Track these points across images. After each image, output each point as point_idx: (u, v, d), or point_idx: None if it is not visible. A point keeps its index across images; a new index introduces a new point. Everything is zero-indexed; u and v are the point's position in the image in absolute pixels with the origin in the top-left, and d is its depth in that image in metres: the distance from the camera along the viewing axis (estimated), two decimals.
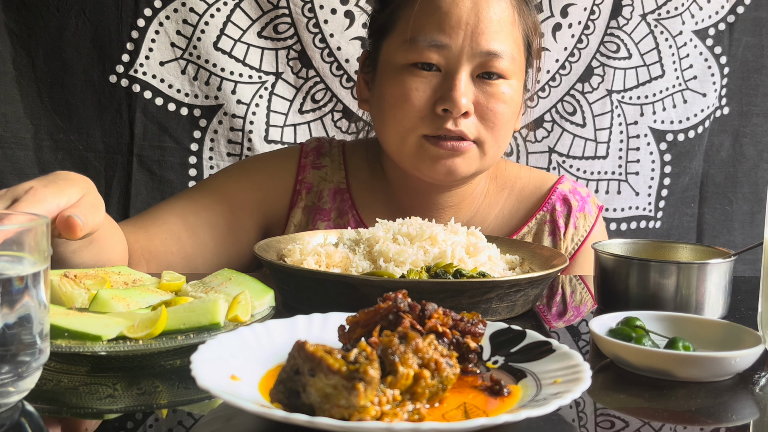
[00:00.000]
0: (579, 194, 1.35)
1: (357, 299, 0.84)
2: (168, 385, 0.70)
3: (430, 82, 1.15)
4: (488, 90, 1.16)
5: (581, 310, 1.04)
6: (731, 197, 1.99)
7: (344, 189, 1.33)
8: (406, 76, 1.16)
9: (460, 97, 1.13)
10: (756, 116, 1.97)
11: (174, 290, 0.89)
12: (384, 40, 1.21)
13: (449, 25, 1.14)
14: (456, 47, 1.14)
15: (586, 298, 1.10)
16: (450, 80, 1.14)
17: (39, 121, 1.78)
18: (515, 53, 1.18)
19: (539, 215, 1.33)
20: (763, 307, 0.79)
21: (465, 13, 1.14)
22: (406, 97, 1.15)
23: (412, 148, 1.18)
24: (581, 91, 1.90)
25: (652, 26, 1.89)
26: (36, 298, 0.61)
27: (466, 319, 0.67)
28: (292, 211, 1.32)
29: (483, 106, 1.16)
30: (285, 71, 1.84)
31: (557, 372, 0.64)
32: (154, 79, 1.79)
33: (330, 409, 0.54)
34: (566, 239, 1.31)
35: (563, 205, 1.33)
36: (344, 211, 1.32)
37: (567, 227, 1.31)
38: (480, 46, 1.14)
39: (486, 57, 1.15)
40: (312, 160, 1.35)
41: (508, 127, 1.20)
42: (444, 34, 1.14)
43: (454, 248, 0.97)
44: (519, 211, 1.34)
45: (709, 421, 0.65)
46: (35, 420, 0.61)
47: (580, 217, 1.32)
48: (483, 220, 1.32)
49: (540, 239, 1.32)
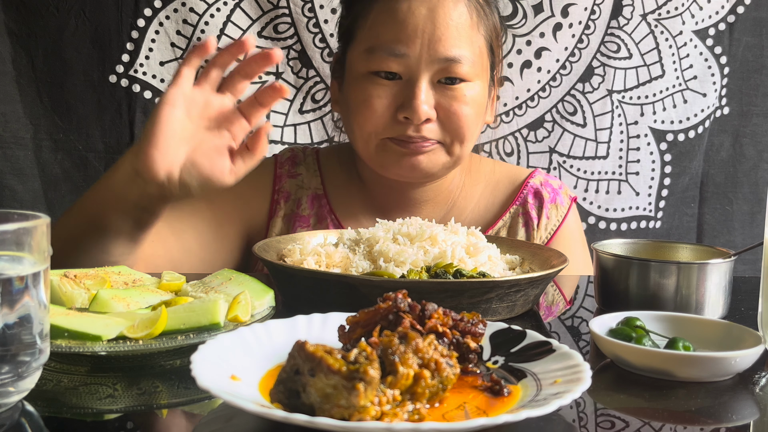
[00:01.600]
0: (550, 186, 1.37)
1: (357, 299, 0.84)
2: (168, 385, 0.70)
3: (391, 90, 1.17)
4: (450, 94, 1.17)
5: (581, 310, 1.04)
6: (731, 197, 1.99)
7: (321, 194, 1.35)
8: (368, 84, 1.17)
9: (421, 105, 1.14)
10: (756, 116, 1.97)
11: (174, 290, 0.89)
12: (348, 46, 1.23)
13: (405, 34, 1.14)
14: (414, 55, 1.15)
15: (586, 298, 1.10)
16: (410, 88, 1.15)
17: (39, 121, 1.78)
18: (476, 56, 1.19)
19: (513, 209, 1.34)
20: (763, 307, 0.79)
21: (421, 21, 1.14)
22: (367, 104, 1.17)
23: (376, 149, 1.21)
24: (582, 91, 1.90)
25: (652, 26, 1.89)
26: (36, 298, 0.61)
27: (466, 319, 0.67)
28: (272, 221, 1.34)
29: (445, 110, 1.17)
30: (285, 71, 1.84)
31: (557, 372, 0.64)
32: (154, 79, 1.79)
33: (330, 409, 0.54)
34: (540, 230, 1.33)
35: (534, 198, 1.35)
36: (323, 216, 1.33)
37: (540, 218, 1.33)
38: (438, 53, 1.15)
39: (445, 63, 1.15)
40: (287, 169, 1.37)
41: (474, 127, 1.21)
42: (401, 43, 1.15)
43: (454, 248, 0.97)
44: (494, 205, 1.36)
45: (709, 421, 0.65)
46: (35, 420, 0.61)
47: (552, 208, 1.34)
48: (460, 214, 1.34)
49: (515, 232, 1.33)
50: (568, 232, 1.35)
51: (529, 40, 1.86)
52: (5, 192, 1.76)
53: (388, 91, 1.17)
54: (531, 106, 1.89)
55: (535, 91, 1.88)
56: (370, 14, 1.19)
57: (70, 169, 1.80)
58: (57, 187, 1.80)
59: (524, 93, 1.88)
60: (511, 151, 1.90)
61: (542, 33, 1.85)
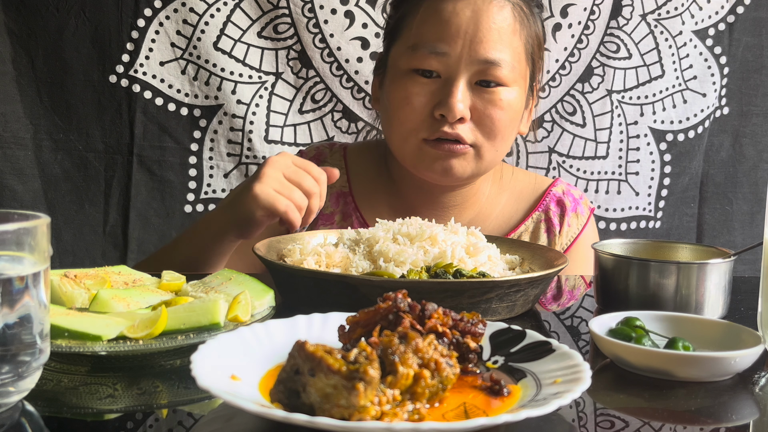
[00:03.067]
0: (572, 196, 1.40)
1: (357, 299, 0.84)
2: (168, 385, 0.70)
3: (430, 88, 1.19)
4: (486, 97, 1.19)
5: (581, 310, 1.04)
6: (731, 197, 1.99)
7: (347, 192, 1.36)
8: (408, 82, 1.20)
9: (457, 103, 1.16)
10: (756, 116, 1.97)
11: (174, 290, 0.89)
12: (393, 44, 1.26)
13: (449, 33, 1.17)
14: (455, 55, 1.17)
15: (586, 298, 1.10)
16: (448, 87, 1.18)
17: (39, 121, 1.78)
18: (515, 61, 1.21)
19: (535, 215, 1.37)
20: (763, 307, 0.79)
21: (464, 22, 1.17)
22: (407, 101, 1.20)
23: (412, 149, 1.23)
24: (581, 91, 1.90)
25: (652, 26, 1.89)
26: (36, 298, 0.61)
27: (466, 319, 0.67)
28: None
29: (480, 112, 1.19)
30: (285, 71, 1.84)
31: (557, 372, 0.64)
32: (154, 79, 1.79)
33: (330, 409, 0.54)
34: (561, 236, 1.36)
35: (557, 206, 1.38)
36: (348, 214, 1.35)
37: (562, 226, 1.37)
38: (478, 54, 1.17)
39: (484, 65, 1.18)
40: None
41: (507, 133, 1.23)
42: (443, 42, 1.17)
43: (454, 248, 0.97)
44: (518, 211, 1.38)
45: (709, 421, 0.65)
46: (35, 420, 0.61)
47: (573, 216, 1.37)
48: (485, 220, 1.36)
49: (537, 237, 1.36)
50: (586, 240, 1.38)
51: None
52: (5, 192, 1.76)
53: (427, 89, 1.19)
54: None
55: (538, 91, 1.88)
56: (417, 13, 1.21)
57: (70, 169, 1.80)
58: (57, 187, 1.80)
59: None
60: (511, 152, 1.90)
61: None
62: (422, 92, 1.19)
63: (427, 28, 1.19)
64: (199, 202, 1.85)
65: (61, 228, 1.80)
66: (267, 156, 1.83)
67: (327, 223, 1.34)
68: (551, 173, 1.91)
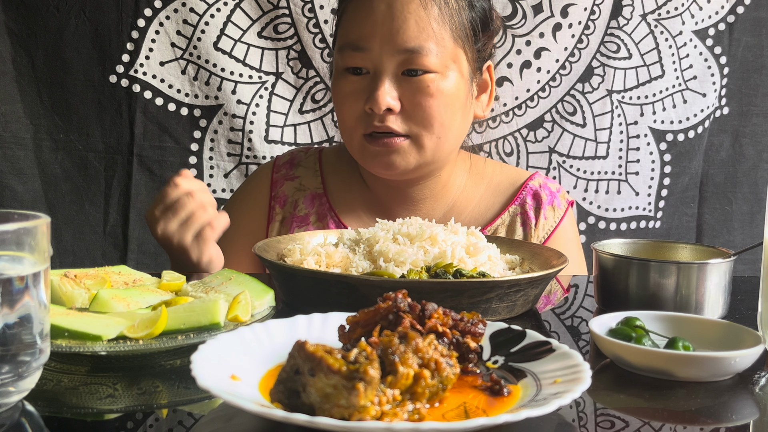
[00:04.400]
0: (549, 189, 1.40)
1: (357, 299, 0.84)
2: (168, 385, 0.70)
3: (361, 85, 1.23)
4: (414, 86, 1.21)
5: (581, 310, 1.04)
6: (731, 197, 1.99)
7: (321, 193, 1.38)
8: (342, 81, 1.25)
9: (382, 95, 1.19)
10: (756, 116, 1.97)
11: (174, 290, 0.89)
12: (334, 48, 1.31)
13: (366, 29, 1.21)
14: (375, 49, 1.21)
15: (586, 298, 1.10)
16: (374, 81, 1.21)
17: (39, 121, 1.78)
18: (440, 47, 1.21)
19: (512, 208, 1.37)
20: (763, 307, 0.79)
21: (380, 16, 1.20)
22: (343, 99, 1.25)
23: (357, 146, 1.27)
24: (581, 91, 1.90)
25: (652, 26, 1.89)
26: (36, 298, 0.61)
27: (466, 319, 0.67)
28: (270, 226, 1.37)
29: (410, 101, 1.21)
30: (285, 71, 1.84)
31: (557, 372, 0.64)
32: (154, 79, 1.79)
33: (330, 409, 0.54)
34: (537, 229, 1.36)
35: (533, 199, 1.38)
36: (323, 215, 1.36)
37: (538, 219, 1.37)
38: (397, 45, 1.20)
39: (405, 54, 1.20)
40: (285, 173, 1.41)
41: (447, 119, 1.23)
42: (363, 38, 1.21)
43: (454, 248, 0.97)
44: (494, 205, 1.39)
45: (709, 421, 0.65)
46: (35, 420, 0.61)
47: (549, 209, 1.38)
48: (460, 213, 1.36)
49: (512, 231, 1.36)
50: (564, 234, 1.38)
51: (528, 41, 1.86)
52: (5, 192, 1.77)
53: (358, 86, 1.23)
54: (531, 106, 1.89)
55: (534, 91, 1.88)
56: (343, 15, 1.26)
57: (70, 169, 1.80)
58: (57, 187, 1.80)
59: (524, 93, 1.88)
60: (511, 151, 1.90)
61: (542, 33, 1.85)
62: (354, 89, 1.23)
63: (350, 27, 1.24)
64: None
65: (61, 228, 1.80)
66: (267, 156, 1.83)
67: (302, 225, 1.36)
68: (551, 173, 1.91)
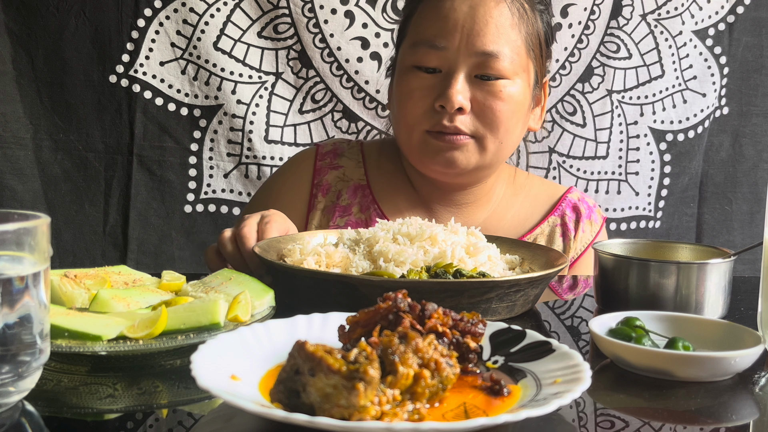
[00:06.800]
0: (587, 203, 1.44)
1: (357, 299, 0.84)
2: (168, 385, 0.70)
3: (431, 82, 1.23)
4: (486, 89, 1.22)
5: (581, 310, 1.04)
6: (731, 197, 1.99)
7: (364, 185, 1.38)
8: (410, 77, 1.24)
9: (455, 94, 1.20)
10: (756, 116, 1.97)
11: (174, 290, 0.89)
12: (400, 45, 1.31)
13: (446, 28, 1.21)
14: (453, 49, 1.21)
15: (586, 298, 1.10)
16: (447, 79, 1.22)
17: (38, 121, 1.78)
18: (515, 54, 1.23)
19: (551, 219, 1.40)
20: (762, 307, 0.79)
21: (461, 16, 1.21)
22: (410, 95, 1.24)
23: (417, 143, 1.26)
24: (581, 91, 1.90)
25: (652, 26, 1.89)
26: (36, 298, 0.61)
27: (466, 319, 0.67)
28: (310, 214, 1.37)
29: (481, 103, 1.22)
30: (285, 71, 1.84)
31: (557, 372, 0.64)
32: (154, 79, 1.79)
33: (330, 409, 0.54)
34: (576, 241, 1.40)
35: (572, 212, 1.41)
36: (365, 206, 1.37)
37: (576, 231, 1.40)
38: (475, 47, 1.20)
39: (482, 57, 1.21)
40: (329, 162, 1.41)
41: (511, 125, 1.25)
42: (441, 37, 1.22)
43: (454, 248, 0.97)
44: (533, 215, 1.41)
45: (709, 421, 0.65)
46: (35, 420, 0.61)
47: (587, 223, 1.41)
48: (499, 220, 1.39)
49: (552, 241, 1.39)
50: None
51: None
52: (5, 192, 1.77)
53: (428, 83, 1.23)
54: None
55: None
56: (417, 13, 1.27)
57: (70, 169, 1.80)
58: (57, 187, 1.80)
59: None
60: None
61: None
62: (423, 86, 1.23)
63: (427, 25, 1.24)
64: (199, 202, 1.85)
65: (61, 228, 1.80)
66: (267, 156, 1.83)
67: (345, 215, 1.36)
68: (551, 173, 1.91)
